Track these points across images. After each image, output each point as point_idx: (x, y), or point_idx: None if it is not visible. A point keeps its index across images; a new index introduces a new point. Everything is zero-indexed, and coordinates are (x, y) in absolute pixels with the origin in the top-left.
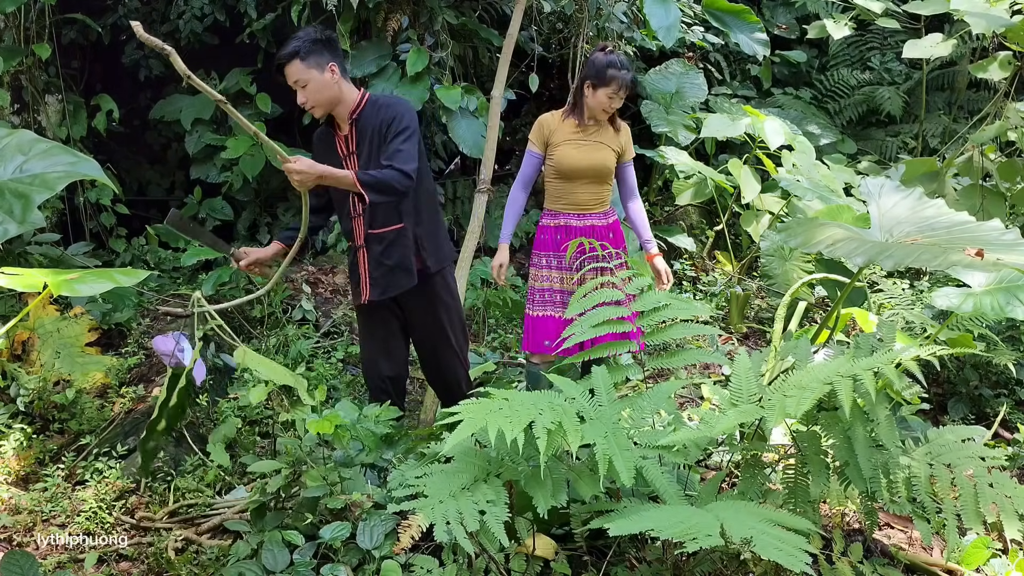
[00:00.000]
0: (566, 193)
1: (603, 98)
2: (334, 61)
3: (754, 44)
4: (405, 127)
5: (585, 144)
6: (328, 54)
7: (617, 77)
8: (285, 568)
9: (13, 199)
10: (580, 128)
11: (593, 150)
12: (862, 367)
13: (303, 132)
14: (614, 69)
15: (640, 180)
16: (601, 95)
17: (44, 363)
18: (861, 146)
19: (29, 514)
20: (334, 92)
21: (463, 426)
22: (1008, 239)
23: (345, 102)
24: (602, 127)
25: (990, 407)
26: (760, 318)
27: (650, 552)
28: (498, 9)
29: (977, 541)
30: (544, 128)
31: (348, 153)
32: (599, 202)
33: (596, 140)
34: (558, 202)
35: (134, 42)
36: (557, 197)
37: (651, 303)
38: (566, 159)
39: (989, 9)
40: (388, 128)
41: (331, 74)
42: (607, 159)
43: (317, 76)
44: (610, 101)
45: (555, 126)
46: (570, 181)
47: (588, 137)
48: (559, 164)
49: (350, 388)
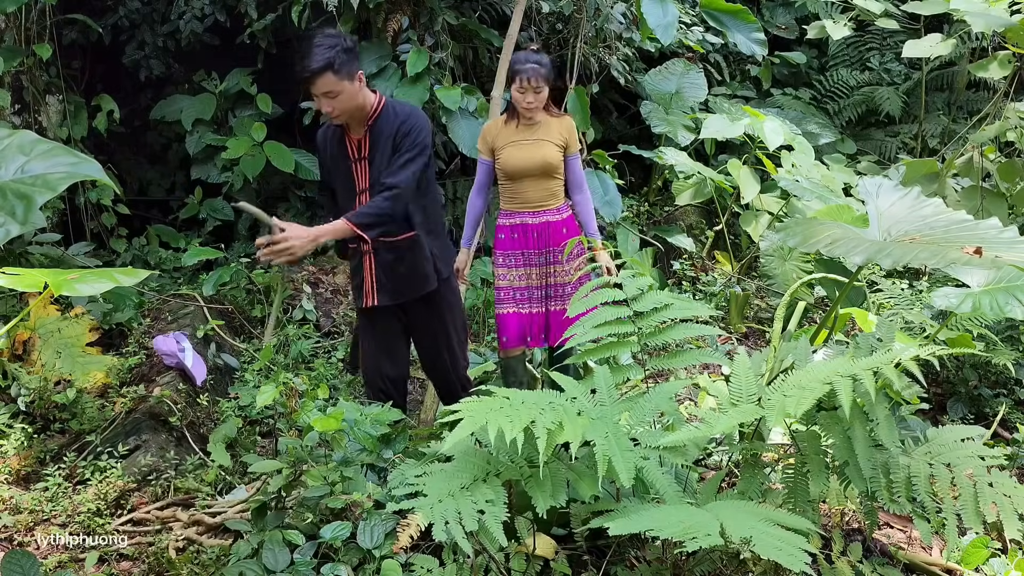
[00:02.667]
0: (517, 193)
1: (516, 94)
2: (360, 68)
3: (752, 44)
4: (415, 143)
5: (526, 144)
6: (356, 62)
7: (520, 71)
8: (286, 568)
9: (15, 200)
10: (520, 129)
11: (535, 148)
12: (861, 367)
13: (303, 132)
14: (518, 64)
15: (640, 180)
16: (514, 91)
17: (45, 363)
18: (860, 146)
19: (30, 514)
20: (359, 100)
21: (463, 425)
22: (1007, 237)
23: (364, 107)
24: (543, 124)
25: (989, 407)
26: (759, 318)
27: (650, 552)
28: (498, 9)
29: (976, 541)
30: (487, 136)
31: (359, 158)
32: (551, 196)
33: (537, 138)
34: (512, 202)
35: (134, 42)
36: (510, 197)
37: (652, 303)
38: (510, 161)
39: (988, 9)
40: (402, 140)
41: (359, 83)
42: (549, 155)
43: (348, 86)
44: (523, 96)
45: (497, 131)
46: (518, 181)
47: (530, 136)
48: (504, 166)
49: (351, 388)
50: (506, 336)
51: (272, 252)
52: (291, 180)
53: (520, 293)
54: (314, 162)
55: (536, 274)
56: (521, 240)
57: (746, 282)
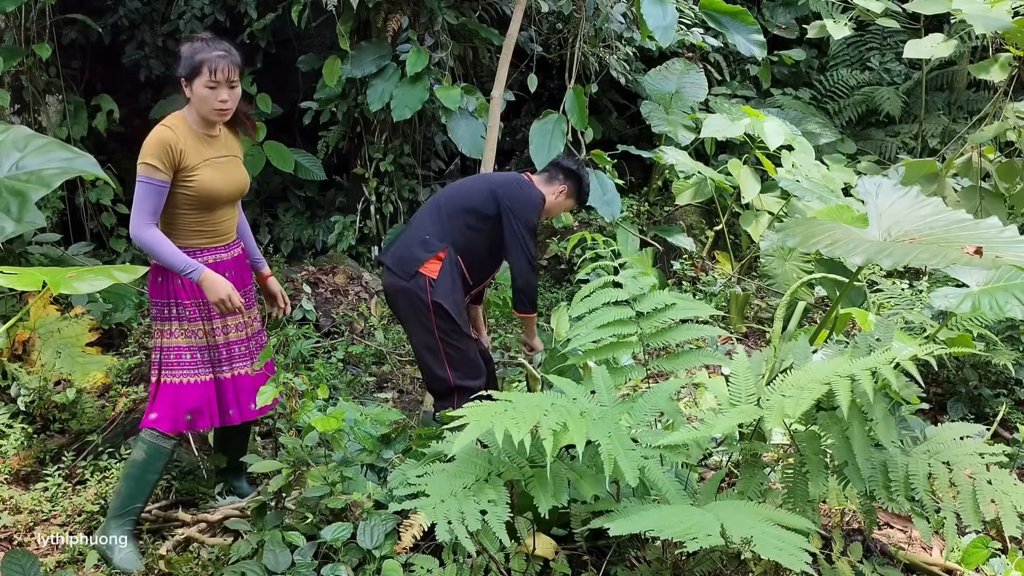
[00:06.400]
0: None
1: (204, 91)
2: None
3: (751, 45)
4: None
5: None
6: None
7: (208, 60)
8: (286, 568)
9: (10, 197)
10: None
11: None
12: (859, 367)
13: (303, 132)
14: (203, 52)
15: (640, 180)
16: (203, 87)
17: (45, 363)
18: (861, 146)
19: (30, 514)
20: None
21: (469, 428)
22: (1006, 237)
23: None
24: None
25: (989, 407)
26: (759, 318)
27: (650, 552)
28: (498, 9)
29: (976, 540)
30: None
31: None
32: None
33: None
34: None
35: (134, 42)
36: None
37: (654, 303)
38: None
39: (989, 10)
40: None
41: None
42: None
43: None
44: (215, 94)
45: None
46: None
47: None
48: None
49: (350, 388)
50: (189, 413)
51: None
52: (291, 180)
53: (205, 353)
54: (314, 162)
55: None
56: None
57: (746, 282)
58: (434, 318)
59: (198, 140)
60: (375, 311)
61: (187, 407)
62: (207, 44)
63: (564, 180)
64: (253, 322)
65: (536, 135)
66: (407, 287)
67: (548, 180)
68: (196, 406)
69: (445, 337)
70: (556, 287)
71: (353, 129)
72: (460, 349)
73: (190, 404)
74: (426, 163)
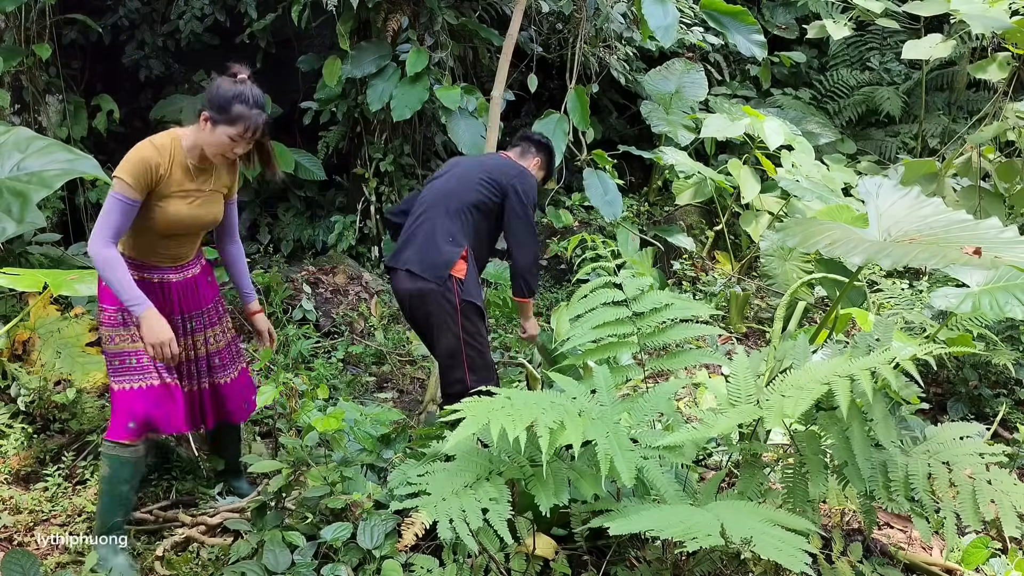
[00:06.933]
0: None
1: (225, 139)
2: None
3: (751, 45)
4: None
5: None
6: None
7: (244, 117)
8: (286, 568)
9: (11, 197)
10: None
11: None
12: (858, 367)
13: (303, 132)
14: (243, 107)
15: (640, 180)
16: (226, 135)
17: (45, 363)
18: (860, 146)
19: (30, 514)
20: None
21: (465, 424)
22: (1006, 237)
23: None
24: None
25: (989, 407)
26: (759, 318)
27: (650, 552)
28: (498, 9)
29: (976, 541)
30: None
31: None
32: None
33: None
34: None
35: (134, 42)
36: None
37: (652, 303)
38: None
39: (988, 10)
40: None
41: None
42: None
43: None
44: (233, 144)
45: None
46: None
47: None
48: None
49: (350, 388)
50: (132, 421)
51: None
52: (291, 180)
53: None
54: (314, 162)
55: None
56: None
57: (746, 282)
58: (460, 319)
59: (183, 170)
60: (375, 311)
61: (139, 413)
62: (250, 97)
63: (537, 153)
64: (227, 331)
65: None
66: (435, 290)
67: (523, 154)
68: (148, 411)
69: (468, 339)
70: (556, 287)
71: (353, 129)
72: (481, 352)
73: (141, 409)
74: (426, 163)
